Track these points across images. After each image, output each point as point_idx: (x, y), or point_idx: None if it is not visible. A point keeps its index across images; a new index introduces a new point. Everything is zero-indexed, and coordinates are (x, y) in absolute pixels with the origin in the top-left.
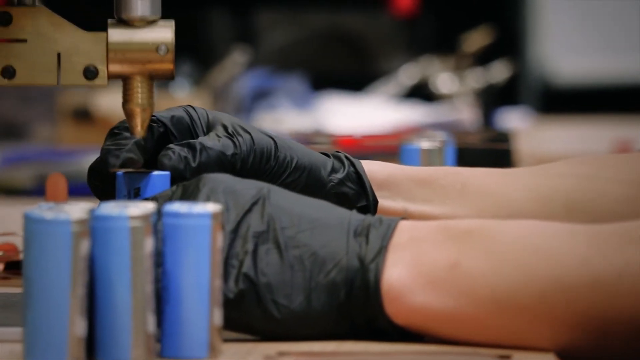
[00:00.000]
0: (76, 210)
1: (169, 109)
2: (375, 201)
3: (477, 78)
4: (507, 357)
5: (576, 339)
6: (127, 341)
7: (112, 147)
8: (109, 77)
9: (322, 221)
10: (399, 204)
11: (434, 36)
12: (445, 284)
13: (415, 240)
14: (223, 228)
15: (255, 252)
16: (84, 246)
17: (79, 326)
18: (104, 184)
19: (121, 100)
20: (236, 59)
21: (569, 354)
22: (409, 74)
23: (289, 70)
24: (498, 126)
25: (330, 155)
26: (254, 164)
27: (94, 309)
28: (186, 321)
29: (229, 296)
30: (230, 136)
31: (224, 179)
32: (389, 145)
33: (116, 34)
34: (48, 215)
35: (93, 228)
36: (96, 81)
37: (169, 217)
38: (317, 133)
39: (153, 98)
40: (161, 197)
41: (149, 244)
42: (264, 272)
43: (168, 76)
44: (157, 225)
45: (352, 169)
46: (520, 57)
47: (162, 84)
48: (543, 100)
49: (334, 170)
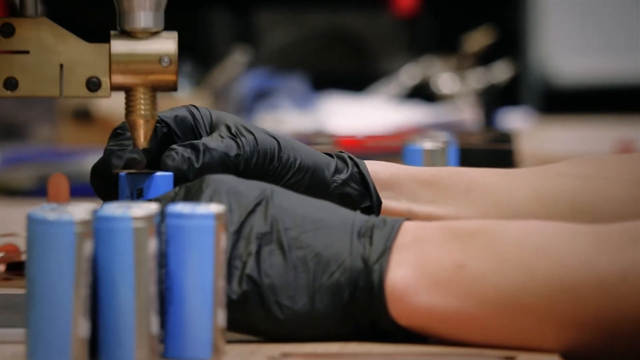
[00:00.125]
0: (79, 211)
1: (172, 108)
2: (379, 202)
3: (479, 78)
4: (511, 358)
5: (581, 340)
6: (130, 342)
7: (115, 148)
8: (111, 88)
9: (325, 222)
10: (403, 204)
11: (435, 36)
12: (449, 284)
13: (420, 241)
14: (226, 229)
15: (258, 253)
16: (87, 247)
17: (82, 327)
18: (106, 185)
19: (120, 99)
20: (237, 59)
21: (573, 355)
22: (410, 74)
23: (289, 70)
24: (499, 126)
25: (334, 156)
26: (257, 164)
27: (97, 310)
28: (189, 322)
29: (232, 297)
30: (234, 137)
31: (227, 180)
32: (392, 145)
33: (119, 46)
34: (51, 216)
35: (96, 229)
36: (99, 93)
37: (172, 218)
38: (319, 133)
39: (156, 109)
40: (164, 198)
41: (153, 244)
42: (267, 273)
43: (171, 87)
44: (160, 226)
45: (355, 169)
46: (521, 58)
47: None
48: (544, 101)
49: (337, 170)
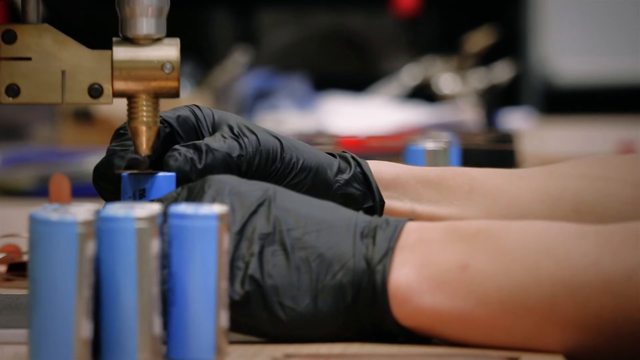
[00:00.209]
0: (82, 212)
1: (174, 108)
2: (382, 202)
3: (480, 78)
4: (515, 359)
5: (585, 341)
6: (133, 343)
7: (117, 148)
8: (113, 95)
9: (328, 222)
10: (406, 204)
11: (437, 36)
12: (453, 285)
13: (423, 241)
14: (229, 230)
15: (261, 254)
16: (90, 248)
17: (85, 328)
18: (109, 185)
19: (120, 99)
20: (238, 59)
21: (577, 356)
22: (411, 75)
23: (290, 70)
24: (500, 127)
25: (337, 156)
26: (259, 165)
27: (99, 311)
28: (192, 323)
29: (234, 298)
30: (236, 137)
31: (229, 180)
32: (393, 146)
33: (121, 52)
34: (54, 217)
35: (99, 229)
36: (101, 99)
37: (175, 219)
38: (320, 134)
39: (158, 116)
40: (166, 199)
41: (155, 245)
42: (270, 274)
43: (173, 94)
44: (162, 227)
45: (358, 169)
46: (522, 58)
47: None
48: (545, 101)
49: (340, 170)
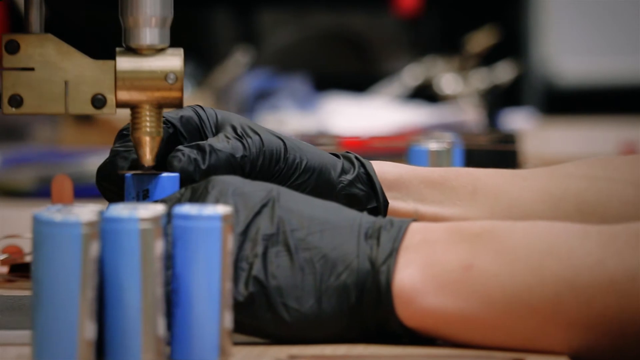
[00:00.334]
0: (85, 213)
1: (177, 109)
2: (386, 202)
3: (481, 79)
4: None
5: (590, 341)
6: (137, 344)
7: (120, 149)
8: (117, 105)
9: (332, 223)
10: (409, 205)
11: (438, 36)
12: (457, 286)
13: (427, 242)
14: (233, 230)
15: (265, 255)
16: (94, 248)
17: (89, 329)
18: (112, 186)
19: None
20: (239, 59)
21: (582, 356)
22: (412, 75)
23: (291, 70)
24: (502, 127)
25: (340, 156)
26: (263, 165)
27: (103, 312)
28: (196, 324)
29: (238, 299)
30: (240, 138)
31: (232, 181)
32: (396, 146)
33: (124, 62)
34: (57, 218)
35: (103, 230)
36: (104, 110)
37: (179, 220)
38: (322, 134)
39: (161, 126)
40: (170, 200)
41: (159, 246)
42: (274, 274)
43: (176, 104)
44: (166, 228)
45: (362, 170)
46: (524, 58)
47: None
48: (546, 101)
49: (344, 171)
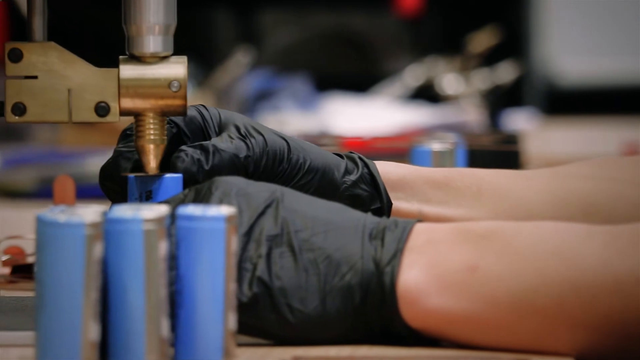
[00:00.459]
0: (89, 213)
1: None
2: (390, 203)
3: (483, 79)
4: None
5: (595, 342)
6: (141, 345)
7: (123, 149)
8: (120, 113)
9: (336, 224)
10: (413, 205)
11: (440, 36)
12: (462, 287)
13: (432, 242)
14: (237, 231)
15: (269, 256)
16: (98, 249)
17: (92, 330)
18: (115, 186)
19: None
20: (239, 59)
21: (588, 357)
22: (414, 75)
23: (292, 70)
24: (504, 127)
25: (344, 157)
26: (266, 166)
27: (107, 313)
28: (200, 325)
29: (242, 300)
30: (243, 138)
31: (236, 181)
32: (399, 146)
33: (128, 70)
34: (61, 218)
35: (106, 231)
36: (108, 118)
37: (183, 220)
38: (324, 135)
39: (165, 134)
40: (173, 201)
41: (163, 247)
42: (278, 275)
43: (180, 112)
44: (170, 229)
45: (366, 170)
46: (525, 58)
47: None
48: (548, 102)
49: (347, 171)
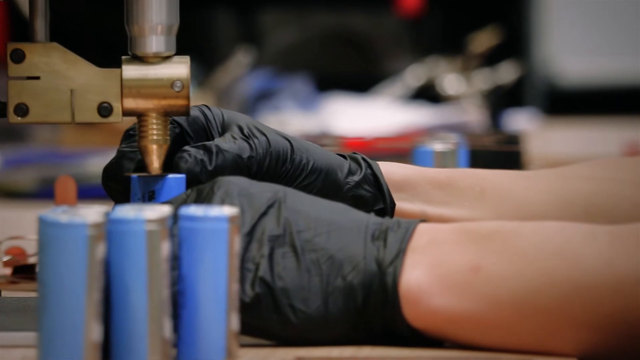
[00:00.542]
0: (91, 214)
1: None
2: (393, 204)
3: (484, 79)
4: None
5: (598, 342)
6: (143, 346)
7: (127, 149)
8: (123, 114)
9: (339, 224)
10: (417, 206)
11: (440, 37)
12: (465, 287)
13: (435, 243)
14: (239, 232)
15: (271, 256)
16: (100, 250)
17: (95, 331)
18: (118, 186)
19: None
20: (240, 59)
21: (591, 358)
22: (415, 75)
23: (293, 71)
24: (505, 128)
25: (347, 157)
26: (269, 166)
27: (109, 314)
28: (203, 326)
29: (245, 300)
30: (246, 138)
31: (238, 182)
32: (401, 147)
33: (130, 70)
34: (63, 219)
35: (109, 231)
36: (110, 118)
37: (185, 221)
38: (325, 135)
39: (168, 134)
40: (175, 201)
41: (166, 247)
42: (280, 276)
43: (183, 112)
44: (172, 229)
45: (369, 171)
46: (526, 59)
47: None
48: (549, 102)
49: (350, 172)
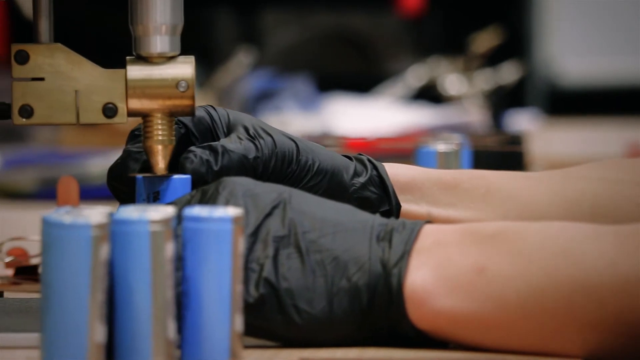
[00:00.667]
0: (95, 214)
1: None
2: (398, 206)
3: (486, 79)
4: None
5: (605, 343)
6: (147, 347)
7: (132, 150)
8: (128, 114)
9: (344, 225)
10: (422, 208)
11: (442, 37)
12: (470, 288)
13: (440, 244)
14: (243, 232)
15: (276, 257)
16: (104, 251)
17: (99, 332)
18: (123, 186)
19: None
20: (241, 59)
21: (597, 359)
22: (416, 75)
23: (294, 71)
24: (507, 128)
25: (353, 159)
26: (275, 167)
27: (113, 315)
28: (207, 327)
29: (249, 301)
30: (252, 139)
31: (243, 182)
32: (403, 147)
33: (135, 71)
34: (67, 220)
35: (113, 232)
36: (115, 119)
37: (189, 222)
38: (327, 135)
39: (173, 135)
40: (180, 202)
41: (170, 248)
42: (285, 276)
43: (188, 112)
44: (177, 229)
45: (375, 172)
46: (527, 59)
47: None
48: (550, 102)
49: (356, 174)
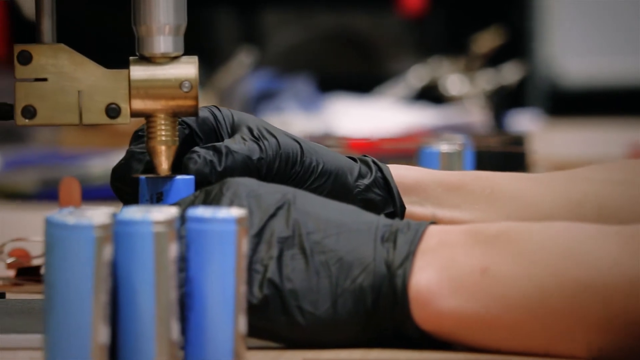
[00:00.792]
0: (98, 215)
1: None
2: (403, 207)
3: (488, 80)
4: None
5: (610, 343)
6: (150, 348)
7: (136, 150)
8: (131, 115)
9: (348, 226)
10: (427, 209)
11: (444, 37)
12: (474, 289)
13: (444, 245)
14: (247, 233)
15: (280, 258)
16: (107, 252)
17: (102, 333)
18: (126, 187)
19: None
20: (242, 59)
21: (604, 358)
22: (417, 76)
23: (295, 71)
24: (508, 128)
25: (357, 160)
26: (279, 168)
27: (117, 316)
28: (210, 328)
29: (253, 302)
30: (256, 139)
31: (247, 183)
32: (406, 148)
33: (138, 71)
34: (70, 220)
35: (116, 233)
36: (119, 119)
37: (193, 222)
38: (328, 136)
39: (177, 135)
40: (183, 202)
41: (173, 249)
42: (289, 277)
43: (192, 113)
44: (180, 231)
45: (379, 174)
46: (529, 59)
47: None
48: (551, 102)
49: (360, 175)
